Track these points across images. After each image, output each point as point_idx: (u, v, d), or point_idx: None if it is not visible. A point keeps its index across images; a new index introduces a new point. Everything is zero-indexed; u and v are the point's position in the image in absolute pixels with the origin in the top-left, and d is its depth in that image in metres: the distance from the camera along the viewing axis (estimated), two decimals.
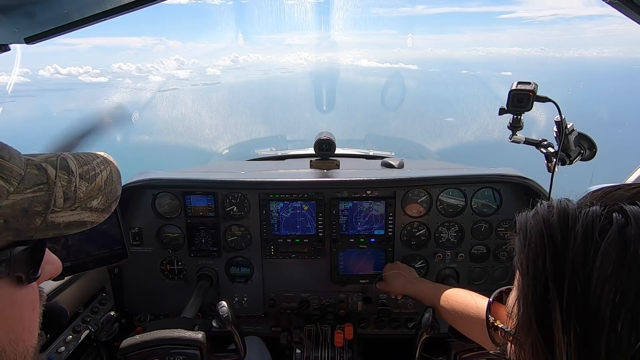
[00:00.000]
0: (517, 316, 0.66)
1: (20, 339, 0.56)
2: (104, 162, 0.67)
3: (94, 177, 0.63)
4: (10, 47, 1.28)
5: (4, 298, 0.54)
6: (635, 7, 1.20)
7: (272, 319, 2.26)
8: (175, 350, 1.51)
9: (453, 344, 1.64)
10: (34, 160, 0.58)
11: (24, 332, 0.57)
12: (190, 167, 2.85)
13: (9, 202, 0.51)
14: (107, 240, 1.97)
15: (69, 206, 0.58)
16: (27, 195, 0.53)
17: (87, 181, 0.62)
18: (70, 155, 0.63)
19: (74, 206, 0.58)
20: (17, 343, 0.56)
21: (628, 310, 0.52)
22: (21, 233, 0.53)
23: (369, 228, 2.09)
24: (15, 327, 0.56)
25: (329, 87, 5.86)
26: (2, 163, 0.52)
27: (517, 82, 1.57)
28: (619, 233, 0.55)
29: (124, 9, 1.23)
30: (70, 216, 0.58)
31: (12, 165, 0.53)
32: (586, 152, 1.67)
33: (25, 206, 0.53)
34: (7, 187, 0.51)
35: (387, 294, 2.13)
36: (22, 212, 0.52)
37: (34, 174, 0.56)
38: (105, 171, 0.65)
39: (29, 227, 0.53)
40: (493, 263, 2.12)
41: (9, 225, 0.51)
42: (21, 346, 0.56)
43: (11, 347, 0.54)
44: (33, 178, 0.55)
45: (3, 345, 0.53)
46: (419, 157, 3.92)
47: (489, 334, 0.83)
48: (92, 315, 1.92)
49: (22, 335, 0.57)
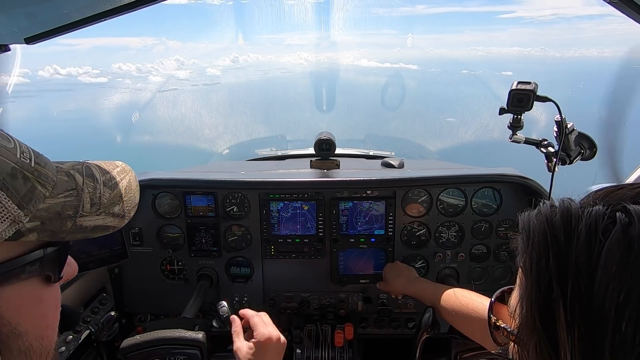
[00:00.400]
0: (520, 316, 0.66)
1: (45, 335, 0.60)
2: (123, 171, 0.73)
3: (116, 184, 0.69)
4: (11, 47, 1.28)
5: (34, 296, 0.58)
6: (636, 6, 1.20)
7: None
8: (176, 350, 1.51)
9: (453, 343, 1.64)
10: (62, 167, 0.63)
11: (48, 329, 0.61)
12: (191, 167, 2.85)
13: (45, 206, 0.56)
14: (107, 241, 1.97)
15: (95, 211, 0.63)
16: (60, 199, 0.58)
17: (109, 188, 0.67)
18: (93, 164, 0.69)
19: (98, 211, 0.64)
20: (43, 339, 0.59)
21: (632, 309, 0.52)
22: (55, 235, 0.57)
23: (369, 228, 2.09)
24: (41, 324, 0.60)
25: (329, 87, 5.87)
26: (40, 170, 0.57)
27: (517, 82, 1.57)
28: (622, 232, 0.54)
29: (124, 9, 1.23)
30: (96, 220, 0.63)
31: (47, 172, 0.58)
32: (586, 152, 1.67)
33: (58, 210, 0.58)
34: (44, 192, 0.56)
35: (387, 293, 2.13)
36: (56, 215, 0.57)
37: (64, 180, 0.61)
38: (125, 180, 0.71)
39: (61, 229, 0.58)
40: (493, 263, 2.12)
41: (45, 227, 0.55)
42: (46, 342, 0.60)
43: (38, 342, 0.58)
44: (64, 184, 0.60)
45: (31, 341, 0.57)
46: (419, 157, 3.93)
47: (491, 333, 0.83)
48: (92, 316, 1.92)
49: (46, 332, 0.61)
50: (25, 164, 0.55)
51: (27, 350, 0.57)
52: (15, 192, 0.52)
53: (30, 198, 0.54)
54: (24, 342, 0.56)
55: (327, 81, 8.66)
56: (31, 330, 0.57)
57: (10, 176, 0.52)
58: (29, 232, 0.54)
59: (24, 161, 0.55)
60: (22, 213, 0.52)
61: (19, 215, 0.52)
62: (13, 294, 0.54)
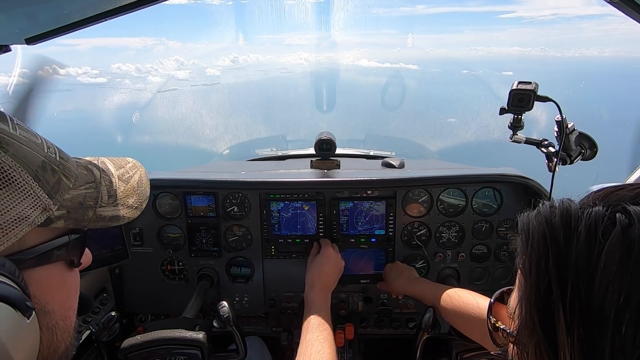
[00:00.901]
0: (520, 317, 0.65)
1: (67, 315, 0.66)
2: (135, 166, 0.80)
3: (129, 178, 0.75)
4: (11, 47, 1.28)
5: (59, 278, 0.63)
6: (636, 6, 1.19)
7: (273, 319, 2.26)
8: (176, 351, 1.51)
9: (454, 343, 1.64)
10: (80, 162, 0.69)
11: (70, 309, 0.67)
12: (191, 167, 2.85)
13: (70, 196, 0.62)
14: (108, 241, 1.97)
15: (112, 202, 0.69)
16: (82, 191, 0.64)
17: (124, 182, 0.74)
18: (107, 160, 0.75)
19: (115, 203, 0.70)
20: (66, 319, 0.65)
21: (632, 311, 0.52)
22: (79, 222, 0.63)
23: (369, 228, 2.09)
24: (65, 305, 0.65)
25: (329, 87, 5.87)
26: (64, 163, 0.62)
27: (518, 82, 1.57)
28: (622, 234, 0.54)
29: (124, 10, 1.23)
30: (113, 211, 0.69)
31: (70, 165, 0.64)
32: (587, 152, 1.67)
33: (80, 200, 0.63)
34: (68, 184, 0.62)
35: (387, 294, 2.13)
36: (79, 205, 0.63)
37: (84, 173, 0.67)
38: (137, 174, 0.78)
39: (84, 218, 0.64)
40: (494, 263, 2.12)
41: (71, 215, 0.61)
42: (68, 322, 0.66)
43: (62, 321, 0.63)
44: (84, 177, 0.66)
45: (57, 320, 0.62)
46: (419, 157, 3.93)
47: (490, 334, 0.83)
48: (92, 316, 1.92)
49: (68, 312, 0.66)
50: (52, 157, 0.60)
51: (53, 327, 0.61)
52: (46, 183, 0.57)
53: (57, 189, 0.59)
54: (52, 320, 0.61)
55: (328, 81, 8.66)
56: (57, 310, 0.62)
57: (41, 168, 0.57)
58: (57, 220, 0.59)
59: (51, 155, 0.60)
60: (52, 202, 0.58)
61: (49, 204, 0.57)
62: (43, 276, 0.59)
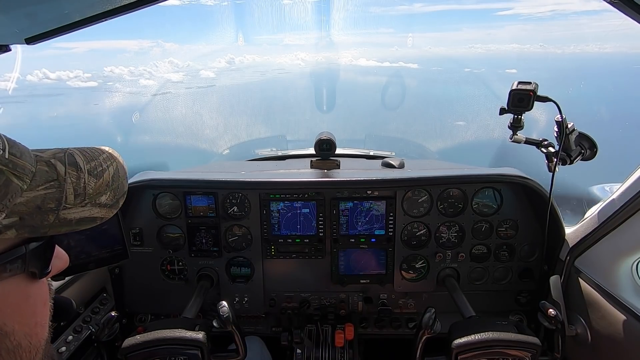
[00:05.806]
0: None
1: (33, 332, 0.57)
2: (110, 157, 0.66)
3: (102, 172, 0.63)
4: (11, 47, 1.28)
5: (20, 293, 0.55)
6: (636, 6, 1.19)
7: (273, 319, 2.26)
8: (176, 351, 1.51)
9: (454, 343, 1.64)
10: (42, 156, 0.57)
11: (37, 326, 0.58)
12: (191, 167, 2.85)
13: (24, 200, 0.52)
14: (107, 241, 1.97)
15: (80, 202, 0.58)
16: (40, 192, 0.54)
17: (95, 177, 0.61)
18: (77, 151, 0.63)
19: (84, 202, 0.59)
20: (32, 336, 0.57)
21: None
22: (36, 230, 0.53)
23: (369, 228, 2.09)
24: (30, 322, 0.57)
25: (328, 87, 5.87)
26: (15, 161, 0.52)
27: (518, 82, 1.57)
28: None
29: (124, 10, 1.23)
30: (81, 212, 0.58)
31: (24, 163, 0.53)
32: (587, 152, 1.67)
33: (38, 203, 0.53)
34: (20, 185, 0.51)
35: (387, 294, 2.13)
36: (36, 209, 0.53)
37: (44, 170, 0.56)
38: (112, 167, 0.65)
39: (42, 223, 0.54)
40: (494, 263, 2.12)
41: (25, 222, 0.52)
42: (35, 339, 0.58)
43: (26, 340, 0.55)
44: (44, 175, 0.55)
45: (19, 340, 0.54)
46: (419, 157, 3.93)
47: None
48: (92, 316, 1.92)
49: (35, 329, 0.58)
50: None
51: (15, 349, 0.53)
52: None
53: (5, 193, 0.49)
54: (12, 342, 0.53)
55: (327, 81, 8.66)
56: (18, 329, 0.54)
57: None
58: (7, 229, 0.50)
59: None
60: None
61: None
62: None
